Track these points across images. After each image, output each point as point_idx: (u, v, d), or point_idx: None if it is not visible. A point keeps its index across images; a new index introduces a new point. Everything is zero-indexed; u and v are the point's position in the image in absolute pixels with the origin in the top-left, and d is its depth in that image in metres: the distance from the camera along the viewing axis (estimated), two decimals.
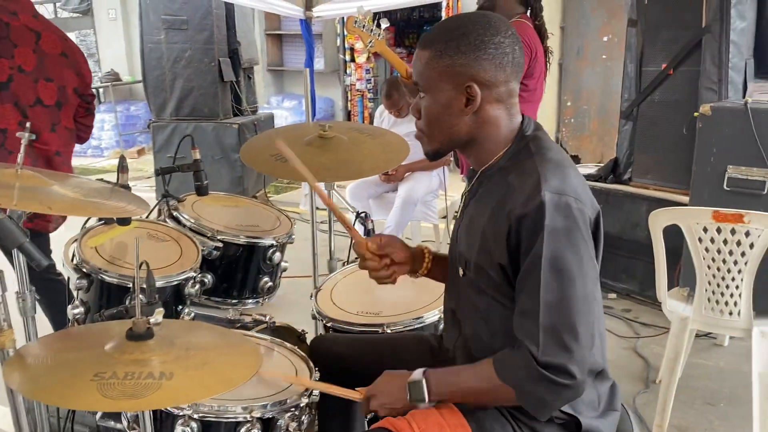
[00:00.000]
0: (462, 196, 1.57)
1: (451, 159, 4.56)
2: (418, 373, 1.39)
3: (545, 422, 1.34)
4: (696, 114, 2.58)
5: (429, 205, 4.54)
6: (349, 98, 8.09)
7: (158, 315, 1.21)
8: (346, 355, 1.79)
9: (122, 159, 1.85)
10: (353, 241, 1.62)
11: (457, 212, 1.68)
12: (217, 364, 1.19)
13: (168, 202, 2.13)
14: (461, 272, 1.46)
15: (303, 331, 2.16)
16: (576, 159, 7.30)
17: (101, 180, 1.78)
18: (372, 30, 2.86)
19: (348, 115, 8.16)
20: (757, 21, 3.75)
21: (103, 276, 1.77)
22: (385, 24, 2.91)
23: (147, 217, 2.09)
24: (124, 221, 1.79)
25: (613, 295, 3.95)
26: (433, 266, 1.67)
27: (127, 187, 1.78)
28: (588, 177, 4.13)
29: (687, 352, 2.99)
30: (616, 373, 3.03)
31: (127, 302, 1.68)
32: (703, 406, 2.79)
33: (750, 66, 3.57)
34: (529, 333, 1.25)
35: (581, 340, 1.24)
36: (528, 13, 3.13)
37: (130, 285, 1.62)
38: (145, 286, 1.53)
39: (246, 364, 1.21)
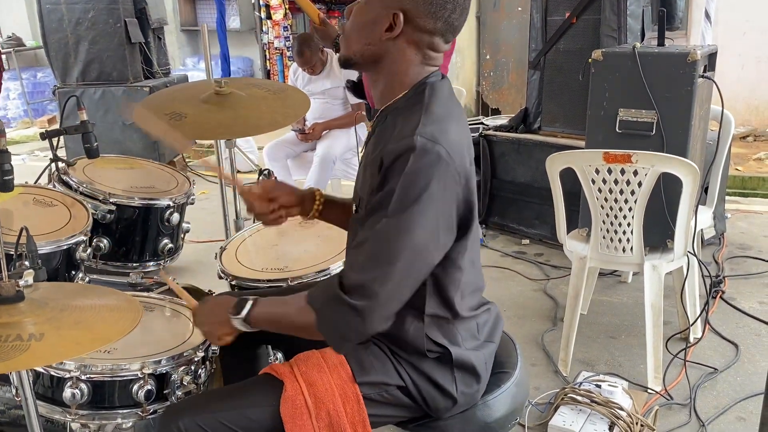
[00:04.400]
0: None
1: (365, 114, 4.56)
2: (250, 298, 1.41)
3: (422, 357, 1.39)
4: (589, 60, 2.65)
5: (349, 162, 4.53)
6: (268, 57, 7.91)
7: (28, 277, 1.19)
8: None
9: None
10: (238, 189, 1.63)
11: None
12: (93, 322, 1.18)
13: (57, 167, 2.06)
14: (354, 209, 1.49)
15: (210, 291, 2.16)
16: (496, 112, 7.45)
17: None
18: None
19: (267, 75, 7.99)
20: None
21: None
22: None
23: (35, 182, 2.01)
24: (6, 187, 1.72)
25: (526, 241, 4.09)
26: (326, 209, 1.69)
27: (6, 153, 1.70)
28: (500, 128, 4.22)
29: (591, 290, 3.15)
30: (527, 313, 3.21)
31: (10, 269, 1.62)
32: (606, 340, 2.95)
33: (647, 13, 3.69)
34: (350, 259, 1.28)
35: (395, 277, 1.24)
36: None
37: (12, 252, 1.57)
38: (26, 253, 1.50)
39: (124, 319, 1.20)
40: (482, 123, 4.55)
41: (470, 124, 4.60)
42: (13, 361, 1.02)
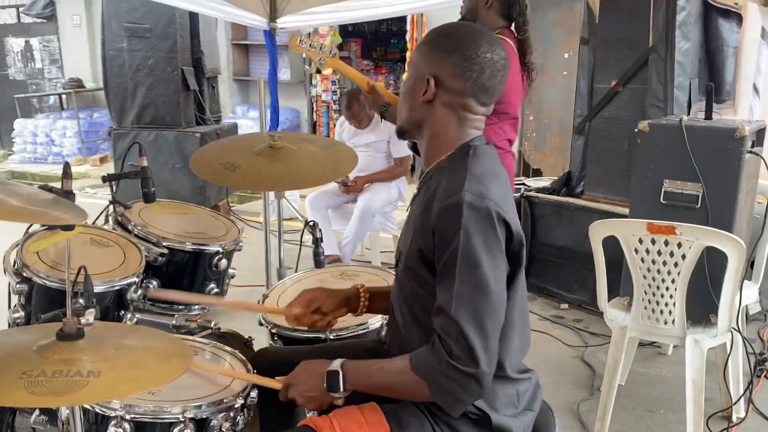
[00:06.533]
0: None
1: (410, 170, 4.64)
2: (336, 363, 1.45)
3: (460, 418, 1.39)
4: (636, 130, 2.68)
5: (388, 216, 4.59)
6: (315, 109, 8.15)
7: (89, 316, 1.24)
8: (289, 365, 1.84)
9: (66, 165, 1.86)
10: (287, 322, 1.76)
11: None
12: (146, 362, 1.22)
13: (115, 209, 2.15)
14: (395, 263, 1.57)
15: (250, 338, 2.19)
16: (538, 172, 7.48)
17: (45, 187, 1.78)
18: (321, 47, 2.78)
19: (314, 126, 8.21)
20: (705, 43, 3.92)
21: (44, 281, 1.78)
22: (337, 41, 2.83)
23: (93, 222, 2.10)
24: (68, 227, 1.80)
25: (564, 306, 4.05)
26: (372, 303, 1.77)
27: (71, 194, 1.80)
28: (541, 190, 4.24)
29: (630, 360, 3.09)
30: (563, 380, 3.16)
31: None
32: (644, 413, 2.88)
33: (694, 85, 3.72)
34: (442, 327, 1.33)
35: (489, 334, 1.32)
36: (512, 27, 3.00)
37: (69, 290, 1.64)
38: (82, 291, 1.56)
39: (175, 362, 1.24)
40: (524, 184, 4.57)
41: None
42: (75, 395, 1.07)
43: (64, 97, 9.39)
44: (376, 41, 8.93)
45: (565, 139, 7.33)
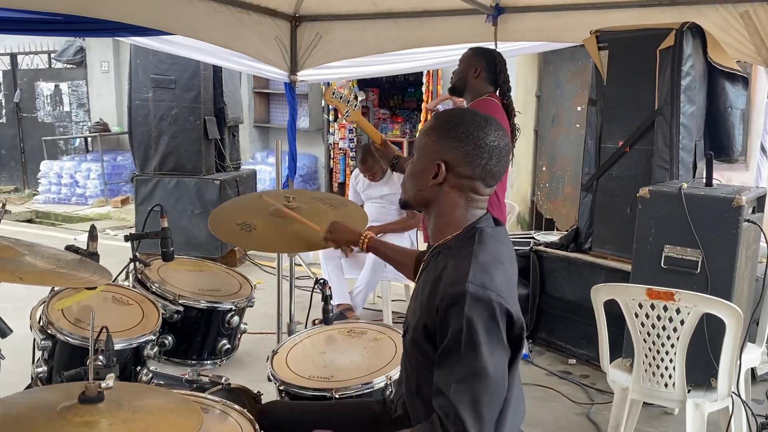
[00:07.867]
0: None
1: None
2: None
3: None
4: (637, 195, 2.76)
5: None
6: (332, 156, 8.34)
7: (109, 380, 1.34)
8: (295, 421, 1.92)
9: (92, 228, 1.99)
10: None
11: None
12: (160, 426, 1.31)
13: (135, 266, 2.27)
14: (402, 332, 1.68)
15: (258, 392, 2.27)
16: (550, 222, 7.55)
17: (71, 248, 1.91)
18: (349, 101, 3.04)
19: (330, 173, 8.40)
20: (712, 106, 4.01)
21: (67, 338, 1.89)
22: (361, 96, 3.16)
23: (115, 280, 2.22)
24: (92, 286, 1.91)
25: (572, 361, 4.08)
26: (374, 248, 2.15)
27: (96, 255, 1.92)
28: (550, 245, 4.31)
29: (635, 421, 3.10)
30: None
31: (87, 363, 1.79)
32: None
33: (699, 147, 3.80)
34: (441, 407, 1.41)
35: (484, 417, 1.40)
36: (497, 93, 3.29)
37: (89, 347, 1.74)
38: (104, 349, 1.67)
39: (187, 426, 1.33)
40: (533, 238, 4.65)
41: (521, 239, 4.71)
42: None
43: (89, 139, 9.69)
44: (393, 90, 9.16)
45: (578, 190, 7.39)
